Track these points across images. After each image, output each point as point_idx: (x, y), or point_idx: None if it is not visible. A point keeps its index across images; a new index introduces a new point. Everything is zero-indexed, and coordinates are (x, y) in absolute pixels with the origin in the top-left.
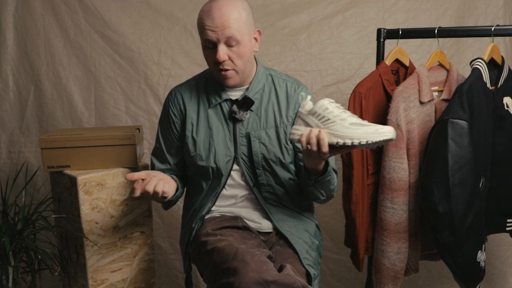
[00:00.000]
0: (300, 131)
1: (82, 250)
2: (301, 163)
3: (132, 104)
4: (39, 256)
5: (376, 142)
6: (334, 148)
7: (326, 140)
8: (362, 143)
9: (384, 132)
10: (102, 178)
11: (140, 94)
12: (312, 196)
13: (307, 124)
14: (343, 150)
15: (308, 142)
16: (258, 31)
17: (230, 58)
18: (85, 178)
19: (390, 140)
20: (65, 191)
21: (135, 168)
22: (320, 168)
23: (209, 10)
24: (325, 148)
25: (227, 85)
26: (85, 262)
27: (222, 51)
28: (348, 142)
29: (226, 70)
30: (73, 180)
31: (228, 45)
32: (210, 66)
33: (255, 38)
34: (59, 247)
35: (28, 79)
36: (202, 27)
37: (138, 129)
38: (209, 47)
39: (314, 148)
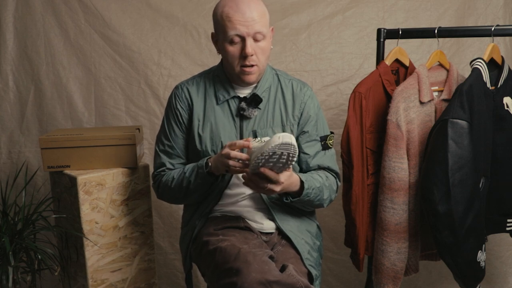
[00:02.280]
0: None
1: (82, 250)
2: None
3: (132, 104)
4: (39, 256)
5: (269, 151)
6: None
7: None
8: (258, 157)
9: (271, 141)
10: (102, 178)
11: (140, 94)
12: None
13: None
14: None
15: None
16: (272, 29)
17: (255, 53)
18: (85, 178)
19: (283, 144)
20: (65, 191)
21: (135, 168)
22: (293, 189)
23: (237, 4)
24: (254, 181)
25: (248, 82)
26: (85, 262)
27: (251, 45)
28: (253, 165)
29: (252, 66)
30: (73, 180)
31: (255, 40)
32: (232, 61)
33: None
34: (59, 247)
35: (28, 79)
36: (229, 21)
37: (138, 129)
38: (235, 42)
39: (252, 185)
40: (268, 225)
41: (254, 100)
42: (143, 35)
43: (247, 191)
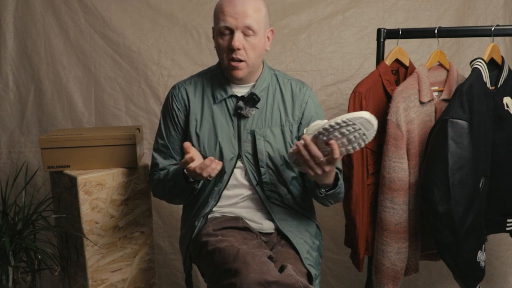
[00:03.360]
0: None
1: (82, 250)
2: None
3: (132, 104)
4: (39, 256)
5: (350, 119)
6: (323, 153)
7: (308, 139)
8: (337, 121)
9: (358, 113)
10: (102, 178)
11: (140, 94)
12: (321, 203)
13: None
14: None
15: (299, 151)
16: (271, 30)
17: (244, 48)
18: (85, 178)
19: (367, 120)
20: (65, 191)
21: (135, 168)
22: (330, 181)
23: None
24: (312, 149)
25: (235, 77)
26: (85, 262)
27: (239, 39)
28: (326, 125)
29: (239, 60)
30: (73, 180)
31: (245, 34)
32: (222, 55)
33: (267, 37)
34: (59, 247)
35: (28, 79)
36: (221, 13)
37: (138, 129)
38: (225, 34)
39: (306, 156)
40: (267, 225)
41: (252, 99)
42: (143, 35)
43: (246, 192)
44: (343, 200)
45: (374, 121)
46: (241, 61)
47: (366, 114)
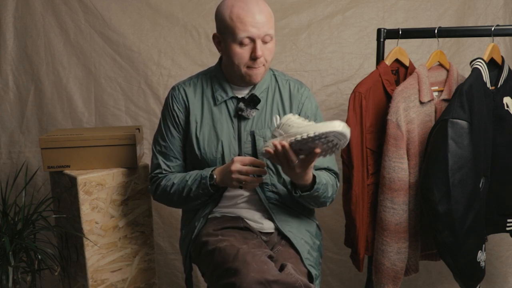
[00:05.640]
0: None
1: (82, 250)
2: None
3: (132, 104)
4: (39, 256)
5: (323, 133)
6: (299, 154)
7: (286, 144)
8: (309, 135)
9: (331, 124)
10: (102, 178)
11: (140, 94)
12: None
13: (275, 137)
14: (308, 156)
15: (275, 152)
16: None
17: (263, 55)
18: (85, 178)
19: (340, 133)
20: (65, 191)
21: (135, 168)
22: (306, 182)
23: (247, 4)
24: (290, 155)
25: (253, 82)
26: (85, 262)
27: (261, 47)
28: (298, 137)
29: (258, 67)
30: (73, 180)
31: (264, 41)
32: (239, 63)
33: None
34: (59, 247)
35: (28, 79)
36: (240, 23)
37: (138, 129)
38: (245, 44)
39: (281, 157)
40: (267, 225)
41: (253, 101)
42: (143, 35)
43: (245, 192)
44: (342, 199)
45: (347, 132)
46: (259, 66)
47: (339, 127)
